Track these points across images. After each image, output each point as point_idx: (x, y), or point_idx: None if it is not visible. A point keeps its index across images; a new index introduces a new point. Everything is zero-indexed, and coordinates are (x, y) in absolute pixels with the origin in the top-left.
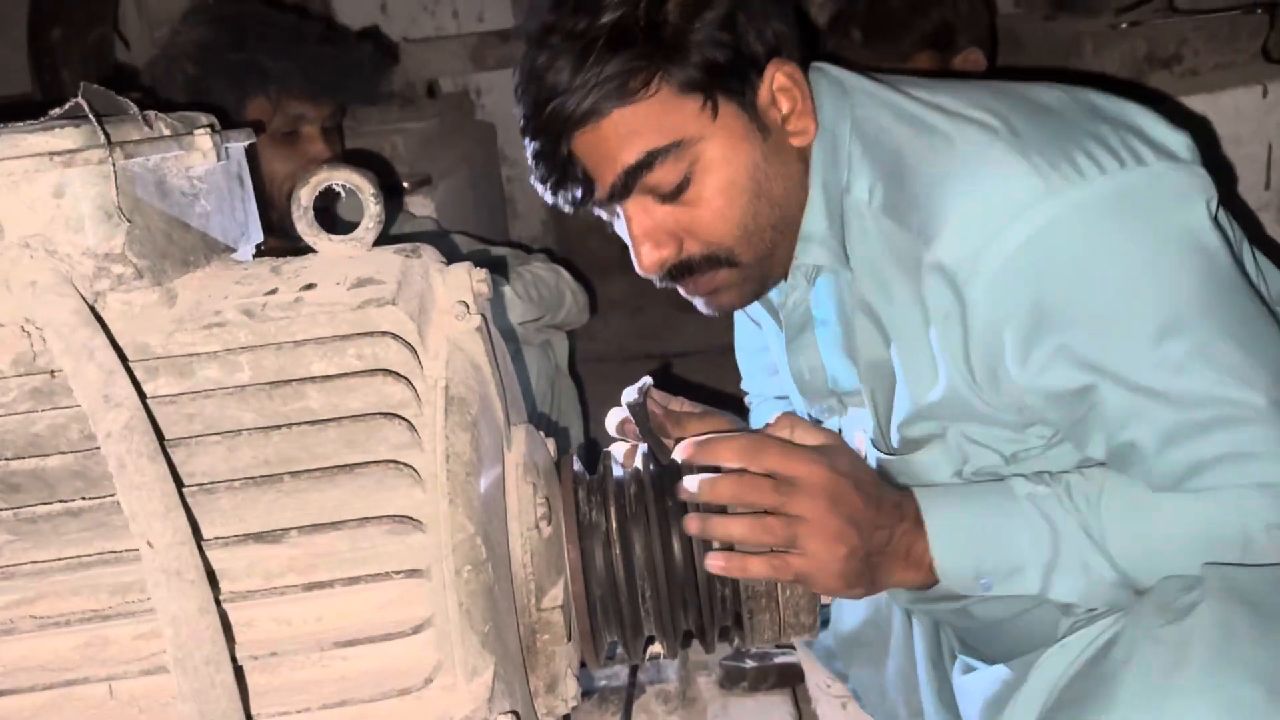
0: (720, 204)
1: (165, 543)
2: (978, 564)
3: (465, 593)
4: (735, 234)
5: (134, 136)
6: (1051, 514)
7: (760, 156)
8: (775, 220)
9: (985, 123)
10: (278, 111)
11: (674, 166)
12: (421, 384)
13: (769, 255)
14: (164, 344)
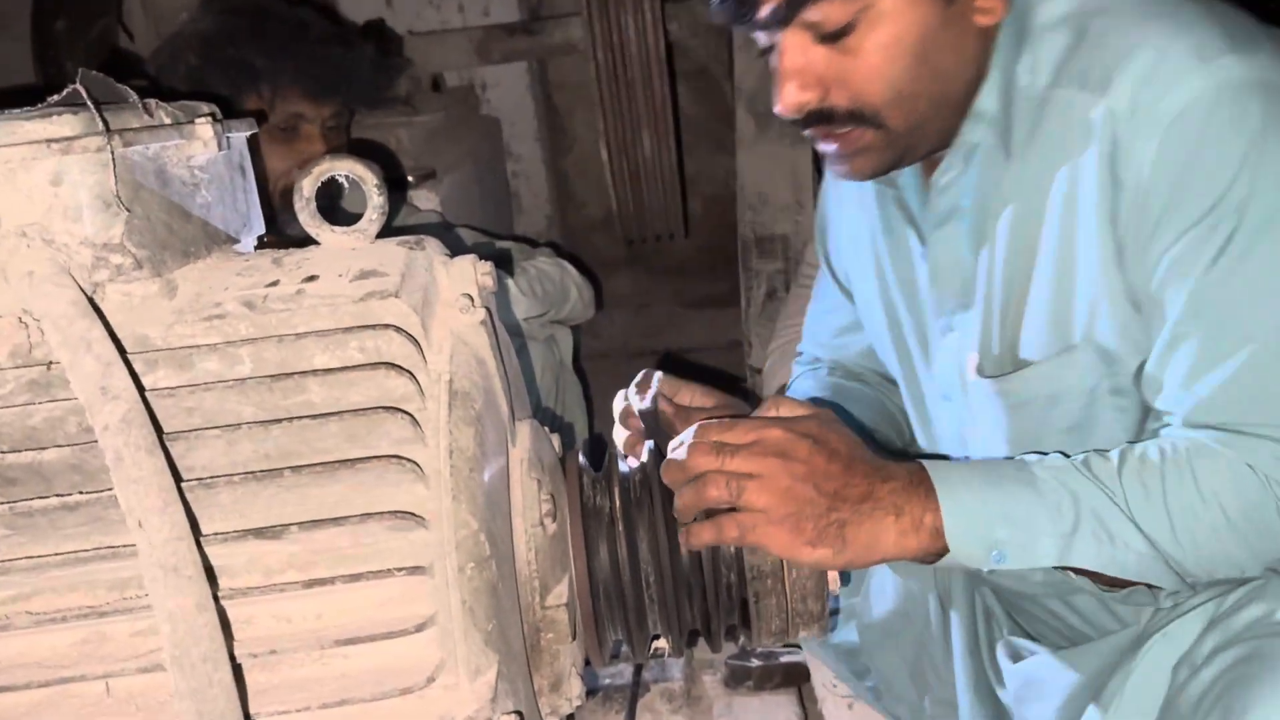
0: (879, 60)
1: (162, 538)
2: (990, 532)
3: (468, 590)
4: (887, 95)
5: (133, 124)
6: (1070, 483)
7: (937, 22)
8: (934, 93)
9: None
10: (273, 109)
11: (841, 6)
12: (425, 378)
13: (918, 127)
14: (163, 336)
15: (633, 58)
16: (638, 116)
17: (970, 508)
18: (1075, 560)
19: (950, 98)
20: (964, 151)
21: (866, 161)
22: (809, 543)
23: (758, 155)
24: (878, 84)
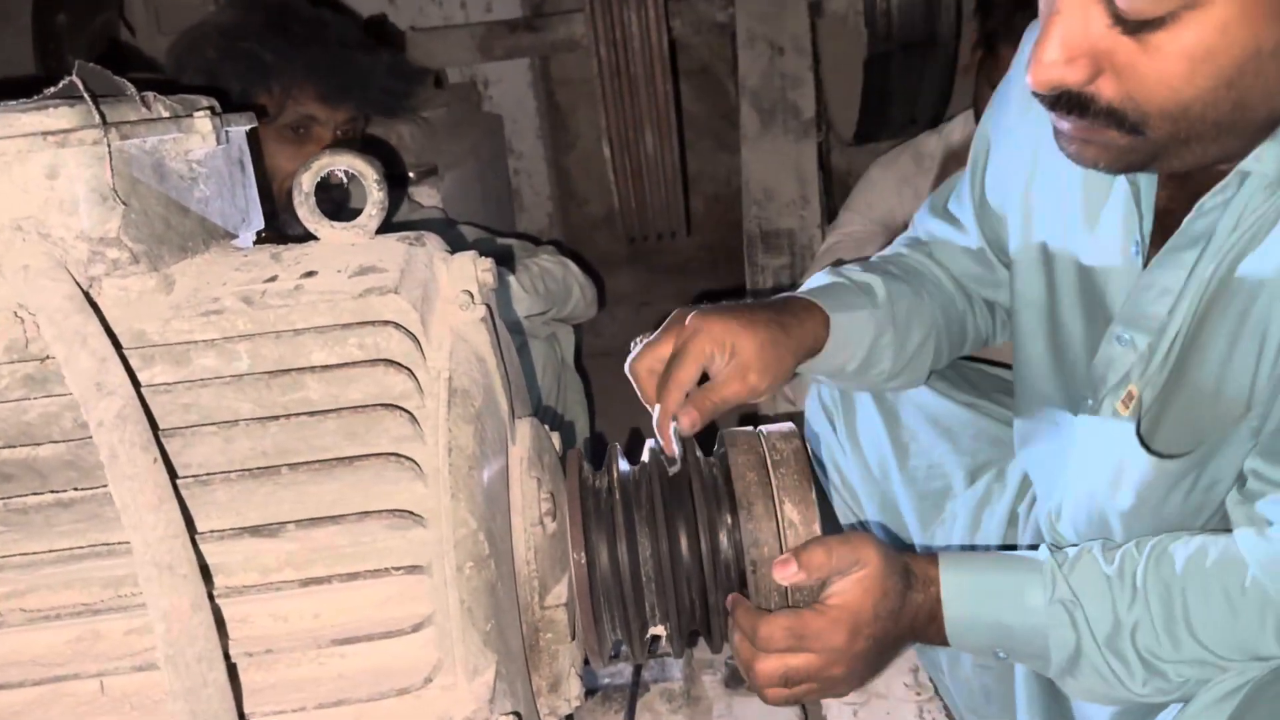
0: (1178, 71)
1: (157, 536)
2: (990, 645)
3: (467, 590)
4: (1166, 109)
5: (131, 117)
6: (1078, 624)
7: (1270, 47)
8: (1225, 120)
9: None
10: (284, 108)
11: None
12: (424, 375)
13: (1182, 143)
14: (160, 331)
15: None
16: (640, 114)
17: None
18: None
19: (1243, 126)
20: (1240, 180)
21: (1103, 156)
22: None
23: (762, 151)
24: (1162, 95)
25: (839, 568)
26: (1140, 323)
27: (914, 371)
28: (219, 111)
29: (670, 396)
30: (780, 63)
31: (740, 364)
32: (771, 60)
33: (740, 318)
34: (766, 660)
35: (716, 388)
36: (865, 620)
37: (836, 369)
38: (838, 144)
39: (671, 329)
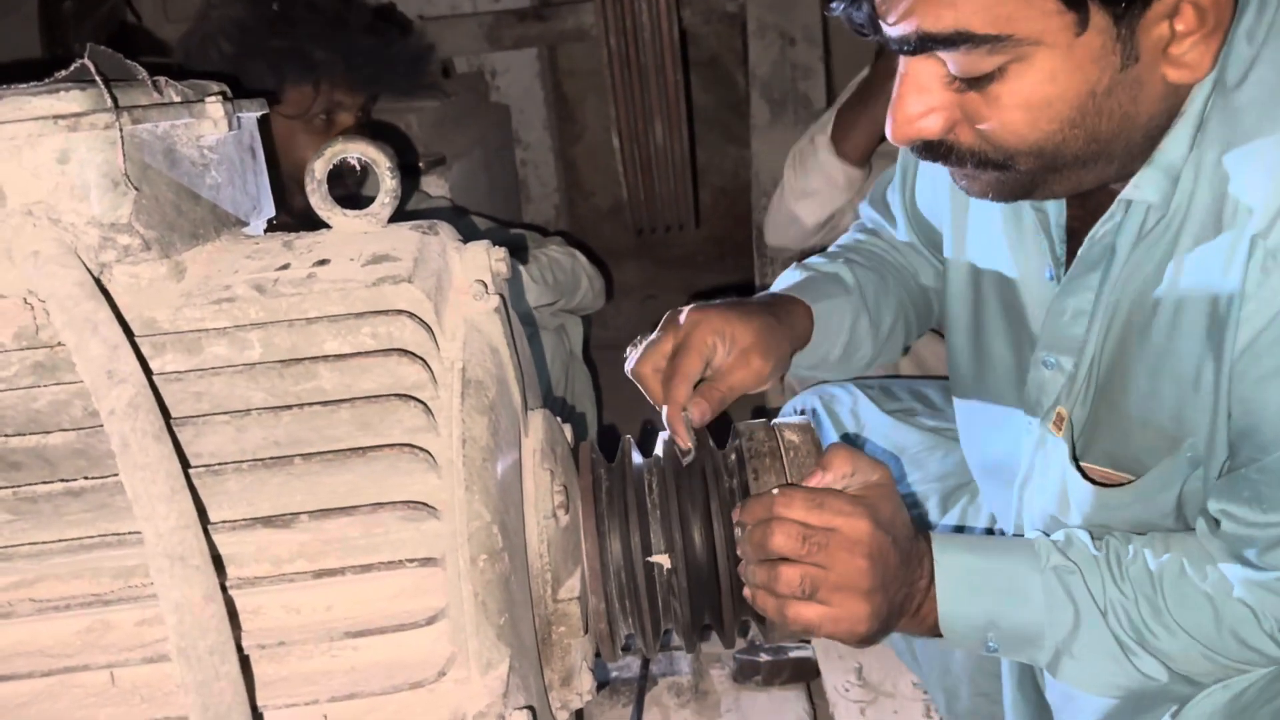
0: (1019, 120)
1: (169, 526)
2: (985, 624)
3: (481, 583)
4: (1022, 150)
5: (142, 102)
6: (1076, 593)
7: (1103, 87)
8: (1084, 153)
9: None
10: (317, 98)
11: (986, 58)
12: (438, 365)
13: (1053, 172)
14: (172, 319)
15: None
16: (650, 105)
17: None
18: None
19: (1110, 155)
20: (1125, 206)
21: (989, 188)
22: (860, 642)
23: (772, 142)
24: (1013, 139)
25: (861, 470)
26: (1061, 345)
27: (891, 352)
28: (230, 97)
29: (678, 389)
30: (791, 53)
31: (742, 351)
32: (783, 50)
33: (735, 308)
34: (784, 524)
35: (723, 376)
36: (884, 520)
37: (821, 358)
38: None
39: (669, 327)
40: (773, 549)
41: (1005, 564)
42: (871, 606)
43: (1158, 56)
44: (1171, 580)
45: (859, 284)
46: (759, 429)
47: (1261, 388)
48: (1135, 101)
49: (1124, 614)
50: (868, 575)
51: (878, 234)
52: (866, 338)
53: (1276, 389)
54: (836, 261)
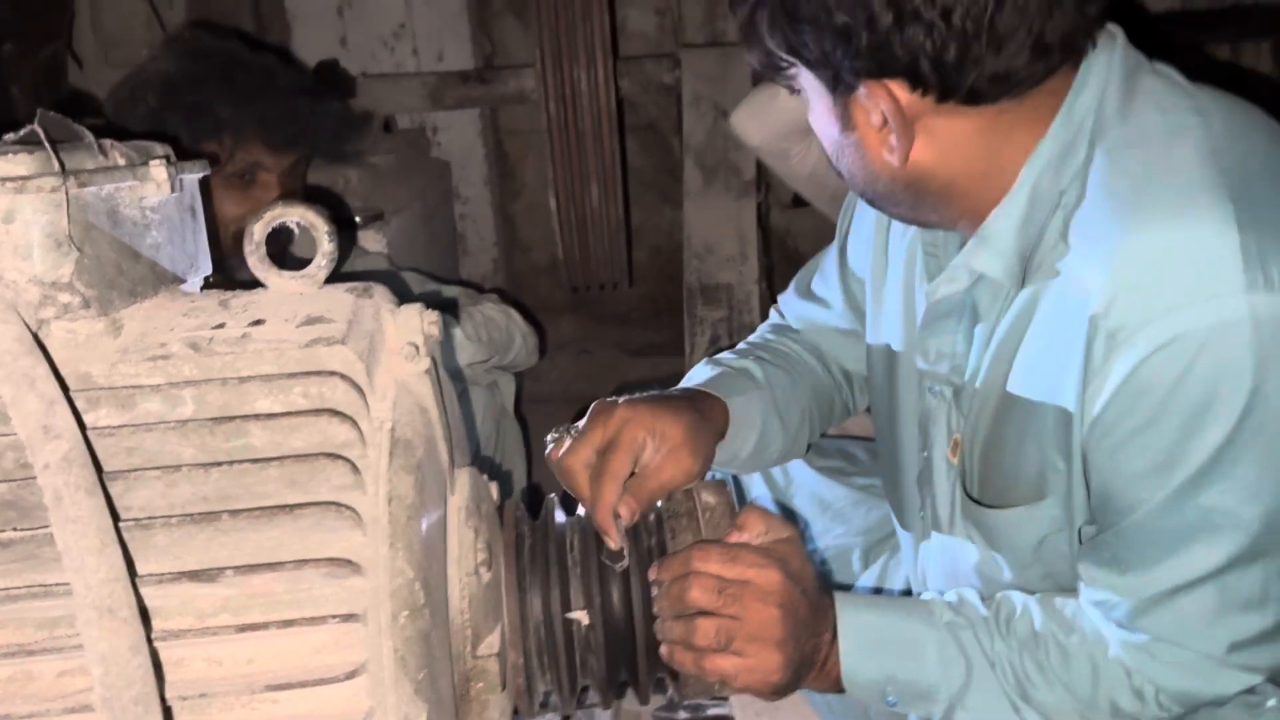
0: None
1: (99, 579)
2: (884, 679)
3: (401, 639)
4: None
5: (89, 165)
6: (967, 647)
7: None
8: (875, 193)
9: (1219, 176)
10: (233, 157)
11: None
12: (367, 425)
13: (911, 213)
14: (107, 374)
15: (584, 112)
16: (587, 168)
17: (869, 675)
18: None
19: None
20: (967, 271)
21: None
22: (774, 694)
23: (704, 207)
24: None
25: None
26: (937, 378)
27: (796, 450)
28: (174, 160)
29: (608, 489)
30: (723, 124)
31: (672, 449)
32: (715, 121)
33: (664, 404)
34: (700, 578)
35: (653, 474)
36: (794, 572)
37: (733, 455)
38: (777, 205)
39: (597, 421)
40: (689, 602)
41: (902, 622)
42: (784, 656)
43: (875, 134)
44: (1055, 638)
45: (770, 382)
46: (678, 492)
47: (1113, 459)
48: (866, 163)
49: (1009, 668)
50: (780, 625)
51: (789, 332)
52: (777, 436)
53: (1126, 460)
54: (748, 359)
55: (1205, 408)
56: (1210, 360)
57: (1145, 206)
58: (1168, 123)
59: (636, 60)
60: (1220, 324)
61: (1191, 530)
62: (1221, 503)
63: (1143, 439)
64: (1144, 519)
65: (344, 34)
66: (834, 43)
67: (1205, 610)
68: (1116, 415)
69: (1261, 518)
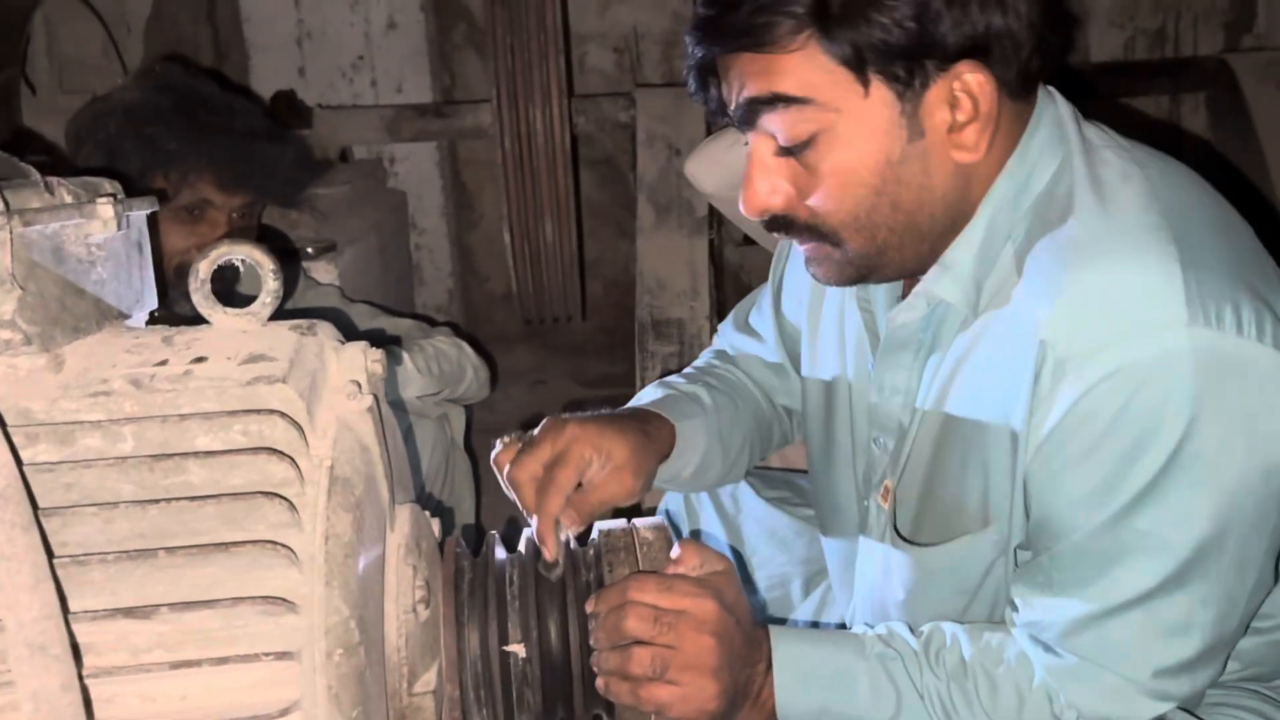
0: (834, 184)
1: (32, 616)
2: (818, 711)
3: (335, 676)
4: (843, 219)
5: (34, 204)
6: (897, 678)
7: (896, 156)
8: (896, 225)
9: (1162, 219)
10: (179, 191)
11: (798, 121)
12: (306, 463)
13: (880, 253)
14: (47, 410)
15: (539, 148)
16: (541, 204)
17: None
18: None
19: (919, 232)
20: (926, 299)
21: (829, 271)
22: None
23: (656, 243)
24: (834, 207)
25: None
26: (884, 424)
27: (735, 474)
28: (121, 198)
29: (552, 501)
30: (677, 162)
31: (616, 467)
32: (669, 159)
33: (612, 424)
34: (636, 608)
35: (595, 490)
36: (728, 602)
37: (674, 475)
38: (729, 241)
39: (547, 436)
40: (626, 631)
41: (834, 654)
42: (719, 685)
43: (944, 138)
44: (983, 668)
45: (716, 408)
46: (616, 528)
47: (1054, 483)
48: (927, 174)
49: (938, 699)
50: (715, 653)
51: (731, 359)
52: (717, 460)
53: (1067, 484)
54: (696, 384)
55: (1146, 436)
56: (1153, 390)
57: (1096, 242)
58: (1113, 169)
59: (593, 98)
60: (1164, 356)
61: (1123, 553)
62: (1154, 527)
63: (1084, 465)
64: (1079, 542)
65: (303, 64)
66: (921, 29)
67: (1131, 634)
68: (1061, 440)
69: (1191, 544)
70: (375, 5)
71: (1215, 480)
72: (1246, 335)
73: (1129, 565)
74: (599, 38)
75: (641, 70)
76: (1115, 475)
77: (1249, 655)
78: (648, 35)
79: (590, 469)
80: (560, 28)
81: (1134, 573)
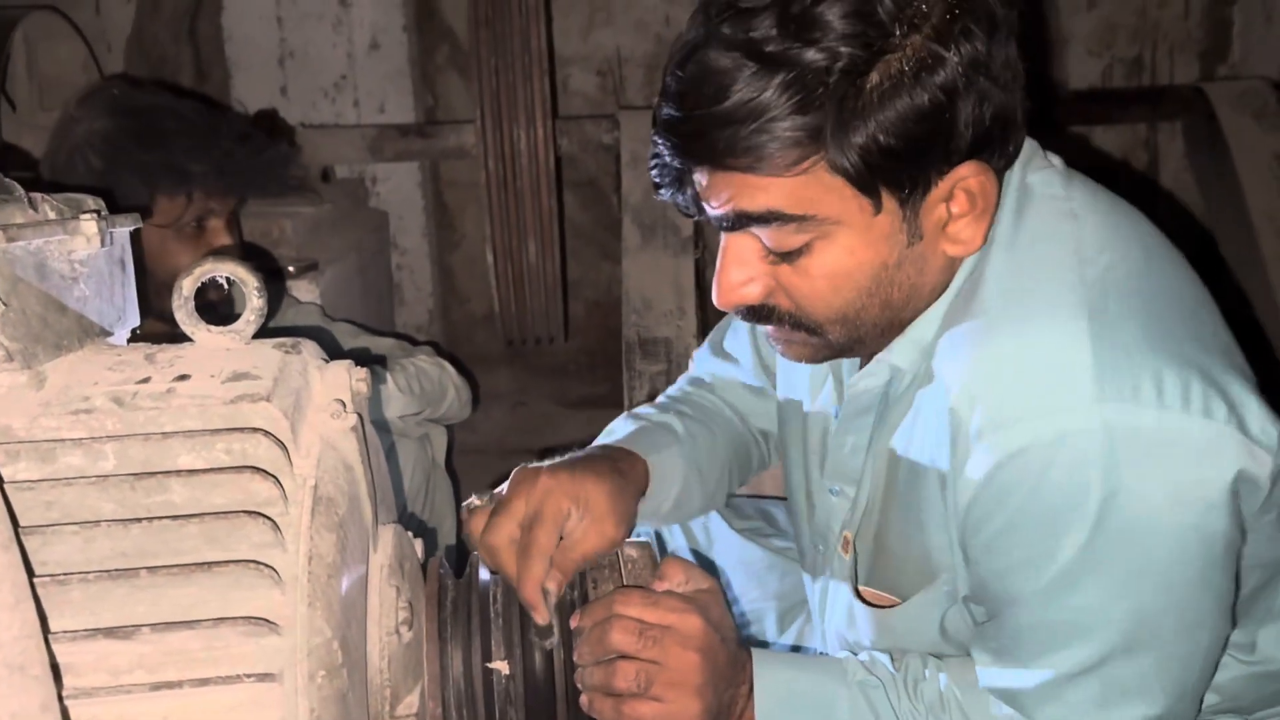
0: (824, 288)
1: (11, 635)
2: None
3: (317, 699)
4: (829, 317)
5: (18, 219)
6: (878, 705)
7: (894, 260)
8: (880, 320)
9: (1080, 286)
10: (186, 208)
11: (795, 235)
12: (290, 482)
13: (859, 340)
14: (28, 427)
15: (523, 169)
16: (525, 224)
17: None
18: None
19: (901, 320)
20: (888, 367)
21: (802, 354)
22: None
23: (642, 263)
24: (821, 307)
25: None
26: (843, 475)
27: (716, 503)
28: (105, 215)
29: (536, 566)
30: None
31: (596, 518)
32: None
33: (586, 469)
34: (622, 621)
35: (576, 545)
36: (714, 620)
37: (654, 510)
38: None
39: (520, 492)
40: (611, 645)
41: (816, 679)
42: (703, 703)
43: (938, 233)
44: (958, 703)
45: (690, 436)
46: None
47: (986, 554)
48: (921, 273)
49: None
50: (699, 670)
51: (707, 385)
52: (696, 490)
53: (997, 557)
54: (668, 413)
55: (1063, 512)
56: (1062, 468)
57: (1007, 313)
58: (1041, 228)
59: (576, 120)
60: (1070, 433)
61: (1065, 629)
62: (1090, 602)
63: (1009, 540)
64: (1021, 614)
65: (285, 83)
66: (932, 136)
67: (1090, 698)
68: (982, 515)
69: (1131, 614)
70: (358, 26)
71: (1145, 553)
72: (1169, 406)
73: (1072, 640)
74: (582, 60)
75: (624, 93)
76: (1041, 549)
77: (1228, 688)
78: (631, 59)
79: (569, 521)
80: (545, 50)
81: (1078, 647)
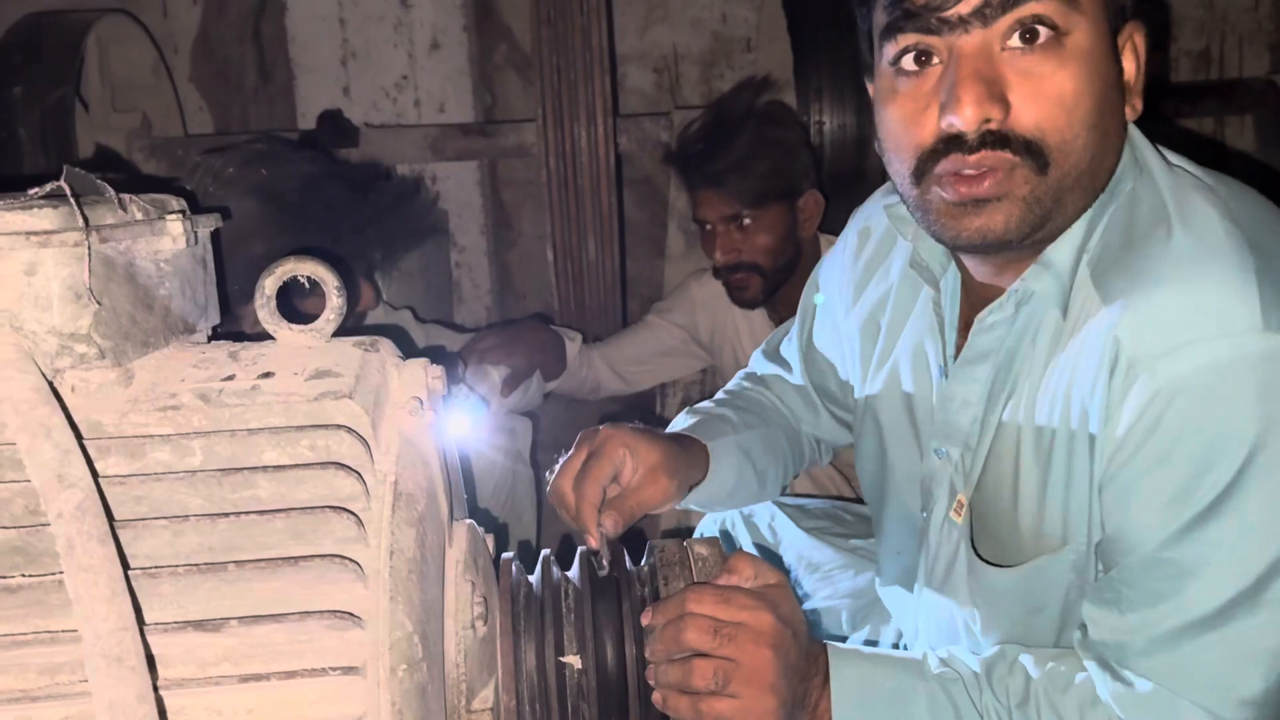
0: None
1: (109, 627)
2: None
3: (399, 692)
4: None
5: (109, 220)
6: (958, 699)
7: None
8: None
9: (1239, 232)
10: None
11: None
12: (371, 478)
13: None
14: (117, 424)
15: (583, 168)
16: (585, 222)
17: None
18: None
19: (1089, 181)
20: (1019, 298)
21: (1010, 211)
22: None
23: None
24: (1063, 113)
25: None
26: (949, 434)
27: (770, 492)
28: (189, 214)
29: (590, 490)
30: None
31: (650, 469)
32: None
33: (642, 430)
34: (696, 620)
35: (632, 492)
36: (785, 615)
37: (711, 495)
38: None
39: (583, 442)
40: (686, 643)
41: (893, 673)
42: (778, 699)
43: (1124, 84)
44: (1047, 692)
45: (745, 425)
46: (670, 544)
47: (1127, 492)
48: (1117, 113)
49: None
50: (773, 666)
51: (762, 382)
52: (751, 478)
53: (1139, 492)
54: (724, 407)
55: (1218, 443)
56: (1225, 394)
57: (1176, 253)
58: (1185, 179)
59: (634, 118)
60: (1237, 359)
61: (1194, 566)
62: (1225, 537)
63: (1157, 473)
64: (1149, 555)
65: (347, 84)
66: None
67: (1213, 658)
68: (1134, 446)
69: (1266, 558)
70: (419, 26)
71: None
72: None
73: (1200, 579)
74: (638, 58)
75: (680, 91)
76: (1187, 484)
77: None
78: (687, 56)
79: (625, 469)
80: (606, 48)
81: (1205, 586)
